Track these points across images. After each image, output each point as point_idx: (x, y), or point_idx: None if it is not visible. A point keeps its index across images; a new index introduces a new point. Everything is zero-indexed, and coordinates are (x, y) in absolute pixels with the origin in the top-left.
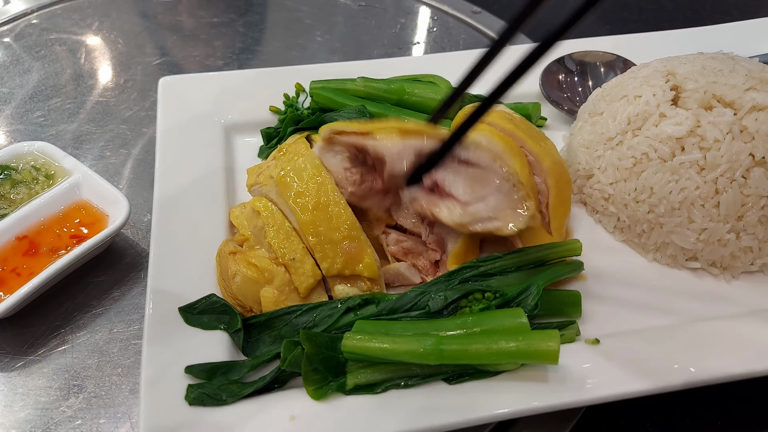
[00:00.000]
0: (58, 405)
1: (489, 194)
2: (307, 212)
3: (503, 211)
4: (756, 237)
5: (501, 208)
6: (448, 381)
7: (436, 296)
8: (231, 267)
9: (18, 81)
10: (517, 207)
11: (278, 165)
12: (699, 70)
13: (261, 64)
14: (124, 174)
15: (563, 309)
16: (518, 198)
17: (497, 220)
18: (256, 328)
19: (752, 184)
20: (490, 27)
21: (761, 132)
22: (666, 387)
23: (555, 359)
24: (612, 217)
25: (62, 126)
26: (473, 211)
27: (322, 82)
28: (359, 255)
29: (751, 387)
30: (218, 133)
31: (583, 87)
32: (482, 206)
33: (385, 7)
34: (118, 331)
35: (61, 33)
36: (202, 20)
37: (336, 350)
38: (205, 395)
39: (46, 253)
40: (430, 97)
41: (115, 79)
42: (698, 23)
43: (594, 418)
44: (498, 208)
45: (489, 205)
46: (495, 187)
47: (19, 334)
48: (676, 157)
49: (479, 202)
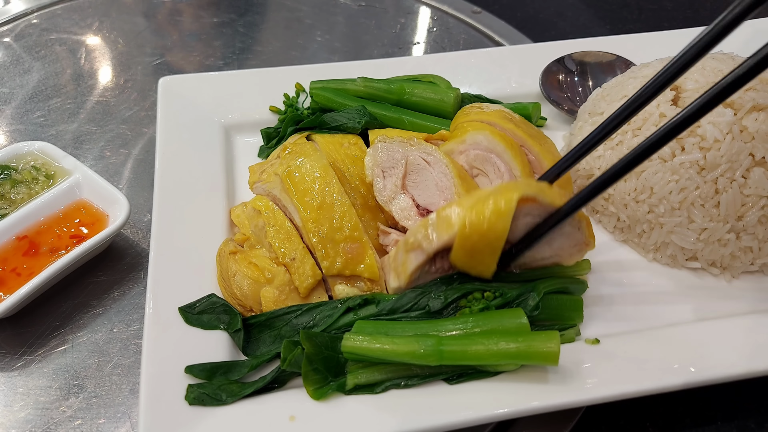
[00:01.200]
0: (58, 405)
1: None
2: (310, 211)
3: (565, 250)
4: (756, 237)
5: (564, 247)
6: (448, 381)
7: (436, 296)
8: (231, 267)
9: (18, 81)
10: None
11: (284, 163)
12: (699, 70)
13: (261, 64)
14: (124, 174)
15: (564, 314)
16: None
17: (558, 257)
18: (256, 328)
19: (752, 184)
20: (490, 27)
21: (761, 132)
22: (666, 387)
23: (555, 361)
24: (612, 216)
25: (62, 126)
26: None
27: (322, 82)
28: (360, 256)
29: (751, 387)
30: (218, 133)
31: (583, 87)
32: (547, 248)
33: (385, 7)
34: (118, 331)
35: (61, 33)
36: (202, 20)
37: (336, 350)
38: (205, 395)
39: (46, 253)
40: (430, 97)
41: (115, 79)
42: (698, 23)
43: (594, 418)
44: (561, 248)
45: (553, 247)
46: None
47: (19, 334)
48: (676, 157)
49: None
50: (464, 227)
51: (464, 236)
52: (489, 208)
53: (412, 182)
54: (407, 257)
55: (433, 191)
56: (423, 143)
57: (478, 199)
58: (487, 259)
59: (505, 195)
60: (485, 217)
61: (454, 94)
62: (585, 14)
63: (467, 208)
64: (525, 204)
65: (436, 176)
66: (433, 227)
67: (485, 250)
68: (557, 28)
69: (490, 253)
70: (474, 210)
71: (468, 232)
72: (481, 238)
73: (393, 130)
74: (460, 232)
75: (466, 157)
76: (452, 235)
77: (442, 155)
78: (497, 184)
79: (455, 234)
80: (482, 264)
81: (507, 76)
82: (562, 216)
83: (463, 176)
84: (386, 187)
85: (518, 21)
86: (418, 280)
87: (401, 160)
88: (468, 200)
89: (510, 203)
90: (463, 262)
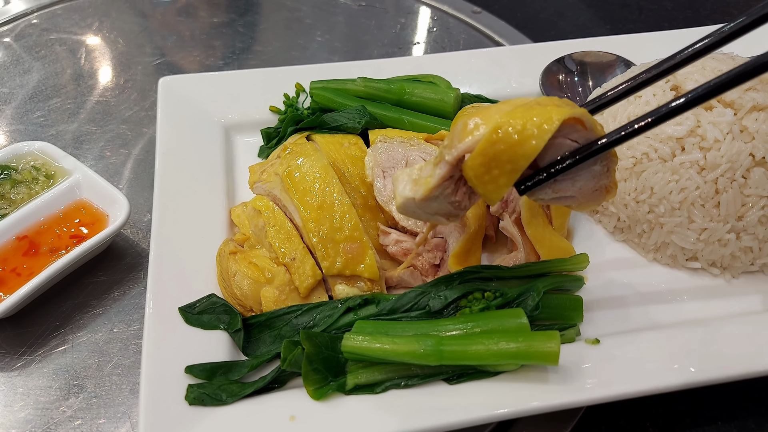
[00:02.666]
0: (58, 405)
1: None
2: (311, 210)
3: (587, 193)
4: (756, 237)
5: (586, 189)
6: (448, 381)
7: (436, 296)
8: (231, 267)
9: (18, 81)
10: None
11: (284, 163)
12: (699, 70)
13: (261, 64)
14: (124, 174)
15: (564, 313)
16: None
17: (577, 200)
18: (256, 328)
19: (752, 184)
20: (490, 27)
21: (761, 132)
22: (666, 387)
23: (555, 360)
24: (612, 217)
25: (62, 126)
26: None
27: (322, 82)
28: (361, 256)
29: (751, 387)
30: (218, 133)
31: (583, 87)
32: (569, 185)
33: (385, 7)
34: (118, 331)
35: (61, 33)
36: (202, 20)
37: (336, 350)
38: (205, 395)
39: (46, 253)
40: (430, 97)
41: (115, 79)
42: (698, 23)
43: (594, 418)
44: (584, 189)
45: (575, 185)
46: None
47: (19, 334)
48: (677, 157)
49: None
50: (494, 131)
51: (490, 141)
52: (528, 120)
53: None
54: (434, 171)
55: None
56: (423, 143)
57: (519, 107)
58: (504, 177)
59: (552, 111)
60: (520, 128)
61: (454, 94)
62: (585, 14)
63: (504, 113)
64: (567, 124)
65: None
66: (461, 132)
67: (506, 166)
68: (557, 28)
69: (509, 171)
70: (510, 117)
71: (496, 138)
72: (508, 149)
73: (393, 130)
74: (487, 135)
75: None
76: (478, 139)
77: None
78: (540, 97)
79: (481, 137)
80: (495, 182)
81: (507, 76)
82: (603, 147)
83: None
84: (386, 187)
85: (518, 21)
86: (435, 200)
87: (401, 160)
88: (507, 106)
89: (552, 123)
90: (475, 172)
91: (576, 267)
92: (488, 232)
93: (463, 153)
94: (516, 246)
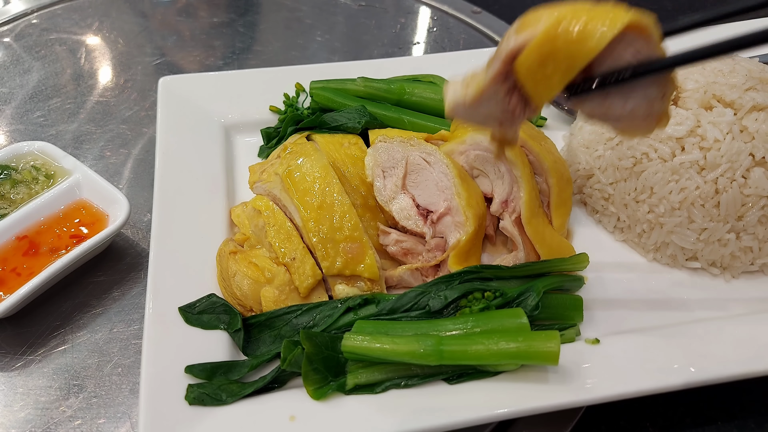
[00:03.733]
0: (58, 405)
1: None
2: (311, 210)
3: (637, 117)
4: (756, 237)
5: (637, 112)
6: (448, 381)
7: (436, 296)
8: (231, 267)
9: (18, 81)
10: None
11: (284, 163)
12: (699, 69)
13: (261, 64)
14: (124, 174)
15: (564, 313)
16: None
17: (625, 123)
18: (256, 328)
19: (752, 184)
20: (490, 27)
21: (761, 132)
22: (666, 387)
23: (555, 360)
24: (612, 217)
25: (62, 126)
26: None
27: (322, 82)
28: (361, 256)
29: (751, 387)
30: (218, 133)
31: None
32: (620, 103)
33: (385, 7)
34: (118, 331)
35: (61, 33)
36: (202, 20)
37: (336, 350)
38: (205, 395)
39: (46, 253)
40: (430, 97)
41: (115, 79)
42: None
43: (594, 418)
44: (635, 111)
45: (627, 105)
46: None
47: (19, 334)
48: (676, 157)
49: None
50: (554, 26)
51: (548, 36)
52: (591, 19)
53: (413, 182)
54: (486, 72)
55: (433, 191)
56: (423, 143)
57: (582, 6)
58: (557, 76)
59: (618, 14)
60: (582, 26)
61: None
62: None
63: (567, 9)
64: (630, 32)
65: (436, 176)
66: (519, 27)
67: (561, 64)
68: None
69: (564, 70)
70: (573, 12)
71: (554, 33)
72: (566, 46)
73: (393, 130)
74: (546, 30)
75: (467, 157)
76: (535, 33)
77: (442, 155)
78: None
79: (539, 31)
80: (547, 81)
81: None
82: (666, 64)
83: (463, 176)
84: (386, 187)
85: None
86: (486, 103)
87: (401, 160)
88: (569, 4)
89: (616, 24)
90: (529, 67)
91: (576, 267)
92: (488, 232)
93: (518, 48)
94: (516, 246)
